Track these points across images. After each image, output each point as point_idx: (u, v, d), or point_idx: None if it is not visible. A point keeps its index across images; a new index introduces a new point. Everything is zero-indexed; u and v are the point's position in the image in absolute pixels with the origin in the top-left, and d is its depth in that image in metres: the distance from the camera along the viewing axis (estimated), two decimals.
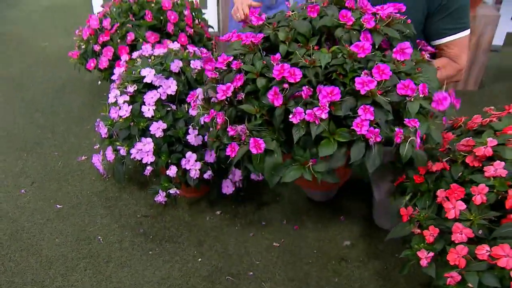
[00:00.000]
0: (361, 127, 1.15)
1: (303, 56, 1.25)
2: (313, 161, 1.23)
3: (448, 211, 1.27)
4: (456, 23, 1.63)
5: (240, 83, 1.27)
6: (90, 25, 2.36)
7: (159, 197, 1.75)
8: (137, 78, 1.76)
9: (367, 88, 1.16)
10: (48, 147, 2.38)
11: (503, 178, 1.24)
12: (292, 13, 1.37)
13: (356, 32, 1.28)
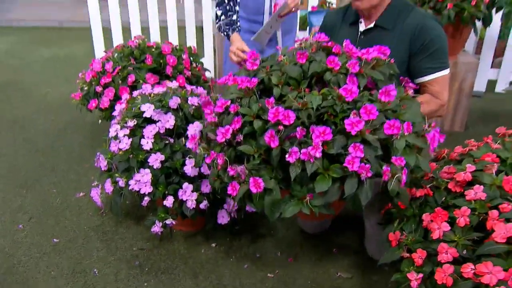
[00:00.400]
0: (352, 164, 1.21)
1: (295, 98, 1.33)
2: (310, 196, 1.29)
3: (433, 231, 1.31)
4: (436, 62, 1.74)
5: (238, 126, 1.34)
6: (93, 68, 2.47)
7: (156, 228, 1.77)
8: (137, 114, 1.84)
9: (356, 129, 1.23)
10: (47, 184, 2.41)
11: (483, 201, 1.30)
12: (283, 57, 1.46)
13: (343, 75, 1.36)
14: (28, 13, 6.51)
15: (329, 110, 1.30)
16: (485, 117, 3.29)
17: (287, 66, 1.41)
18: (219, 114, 1.43)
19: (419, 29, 1.70)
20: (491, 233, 1.24)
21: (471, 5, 2.55)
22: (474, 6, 2.56)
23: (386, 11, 1.74)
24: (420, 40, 1.71)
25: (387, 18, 1.74)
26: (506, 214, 1.24)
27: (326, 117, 1.30)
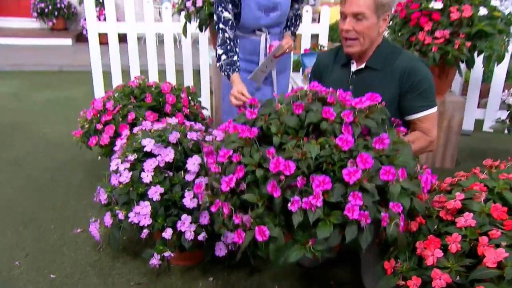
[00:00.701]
0: (352, 212, 1.27)
1: (294, 147, 1.39)
2: (313, 241, 1.34)
3: (427, 258, 1.34)
4: (425, 101, 1.84)
5: (241, 175, 1.39)
6: (94, 107, 2.54)
7: (154, 260, 1.78)
8: (138, 148, 1.89)
9: (354, 179, 1.28)
10: (45, 220, 2.42)
11: (473, 227, 1.34)
12: (280, 106, 1.52)
13: (338, 125, 1.42)
14: (29, 59, 6.67)
15: (327, 159, 1.35)
16: (474, 155, 3.37)
17: (285, 117, 1.47)
18: (222, 163, 1.48)
19: (408, 71, 1.81)
20: (482, 259, 1.27)
21: (454, 48, 2.68)
22: (457, 49, 2.68)
23: (376, 53, 1.85)
24: (409, 81, 1.81)
25: (376, 60, 1.84)
26: (496, 240, 1.28)
27: (325, 166, 1.35)
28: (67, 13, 8.53)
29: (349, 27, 1.72)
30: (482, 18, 2.71)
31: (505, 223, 1.32)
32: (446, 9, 2.75)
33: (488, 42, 2.69)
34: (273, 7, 2.14)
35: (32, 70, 6.20)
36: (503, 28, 2.75)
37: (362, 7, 1.69)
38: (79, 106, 4.51)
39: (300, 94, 1.57)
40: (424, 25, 2.76)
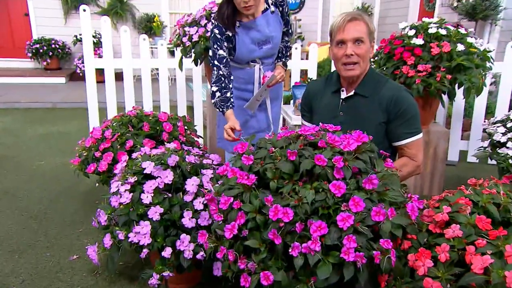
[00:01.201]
0: (348, 255, 1.35)
1: (290, 192, 1.48)
2: (314, 280, 1.42)
3: (418, 269, 1.40)
4: (412, 128, 1.95)
5: (242, 221, 1.47)
6: (92, 135, 2.60)
7: (153, 280, 1.80)
8: (138, 171, 1.95)
9: (347, 224, 1.37)
10: (40, 248, 2.42)
11: (460, 238, 1.41)
12: (274, 150, 1.60)
13: (330, 169, 1.50)
14: (23, 96, 6.75)
15: (322, 203, 1.43)
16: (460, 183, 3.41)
17: (280, 163, 1.54)
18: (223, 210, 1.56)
19: (395, 99, 1.92)
20: (470, 267, 1.34)
21: (436, 81, 2.83)
22: (439, 81, 2.83)
23: (364, 81, 1.97)
24: (396, 109, 1.92)
25: (365, 87, 1.96)
26: (482, 249, 1.35)
27: (321, 210, 1.43)
28: (61, 53, 8.71)
29: (351, 51, 1.85)
30: (460, 53, 2.88)
31: (489, 233, 1.39)
32: (427, 45, 2.92)
33: (467, 75, 2.85)
34: (265, 41, 2.27)
35: (26, 107, 6.27)
36: (480, 63, 2.92)
37: (361, 32, 1.84)
38: (73, 140, 4.59)
39: (291, 138, 1.66)
40: (407, 59, 2.91)
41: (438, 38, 2.95)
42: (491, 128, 2.86)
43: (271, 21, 2.23)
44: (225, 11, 2.18)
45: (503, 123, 2.78)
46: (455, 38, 2.95)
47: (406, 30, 3.08)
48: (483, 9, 7.50)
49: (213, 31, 2.23)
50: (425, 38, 2.94)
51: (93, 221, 2.06)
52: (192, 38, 2.94)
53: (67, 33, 8.94)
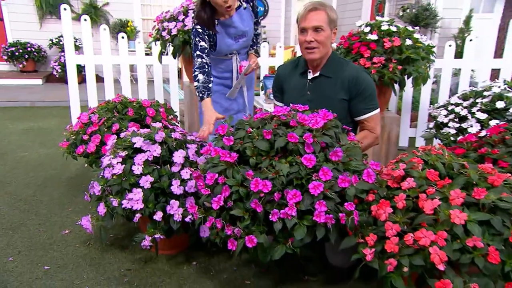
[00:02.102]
0: (320, 217, 1.50)
1: (268, 166, 1.59)
2: (291, 240, 1.55)
3: (380, 215, 1.53)
4: (370, 104, 2.10)
5: (227, 194, 1.59)
6: (80, 120, 2.61)
7: (145, 242, 1.85)
8: (128, 146, 1.99)
9: (318, 191, 1.50)
10: (33, 225, 2.41)
11: (414, 188, 1.55)
12: (252, 130, 1.71)
13: (301, 145, 1.62)
14: (1, 95, 6.54)
15: (296, 175, 1.56)
16: None
17: (257, 141, 1.66)
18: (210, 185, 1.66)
19: (355, 80, 2.06)
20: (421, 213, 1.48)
21: (389, 71, 3.01)
22: (391, 72, 3.02)
23: (327, 63, 2.10)
24: (356, 88, 2.06)
25: (329, 69, 2.09)
26: (431, 195, 1.50)
27: (295, 181, 1.56)
28: (37, 56, 8.48)
29: (311, 38, 1.97)
30: (409, 47, 3.07)
31: (437, 183, 1.54)
32: (380, 40, 3.10)
33: (415, 66, 3.04)
34: (241, 35, 2.35)
35: (4, 106, 6.09)
36: (425, 56, 3.12)
37: (320, 21, 1.96)
38: (53, 134, 4.53)
39: (266, 119, 1.77)
40: (364, 53, 3.08)
41: (389, 34, 3.13)
42: (435, 112, 3.06)
43: (244, 16, 2.32)
44: (204, 14, 2.23)
45: (445, 107, 2.99)
46: (404, 34, 3.14)
47: (362, 27, 3.25)
48: (424, 18, 7.91)
49: (195, 27, 2.29)
50: (379, 34, 3.12)
51: (85, 195, 2.08)
52: (171, 32, 3.00)
53: (42, 37, 8.70)
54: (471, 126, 2.66)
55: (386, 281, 1.45)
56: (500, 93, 2.71)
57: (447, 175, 1.61)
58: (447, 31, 8.08)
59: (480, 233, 1.36)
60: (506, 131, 2.11)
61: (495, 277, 1.36)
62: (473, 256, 1.35)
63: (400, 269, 1.42)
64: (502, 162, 1.91)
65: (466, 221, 1.37)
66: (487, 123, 2.64)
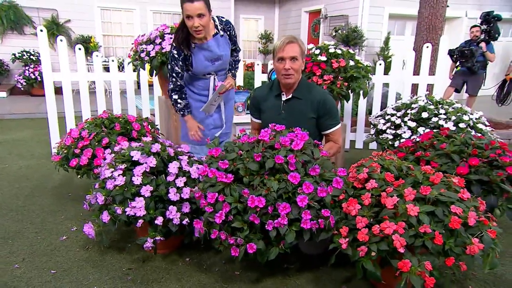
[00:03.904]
0: (306, 224, 1.66)
1: (259, 184, 1.72)
2: (283, 243, 1.70)
3: (351, 211, 1.69)
4: (335, 120, 2.29)
5: (227, 209, 1.70)
6: (71, 135, 2.54)
7: (148, 244, 1.87)
8: (126, 159, 2.00)
9: (304, 203, 1.66)
10: (30, 233, 2.32)
11: (376, 188, 1.73)
12: (243, 152, 1.82)
13: (286, 164, 1.76)
14: None
15: (284, 190, 1.71)
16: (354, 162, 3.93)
17: (248, 163, 1.78)
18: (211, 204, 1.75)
19: (322, 101, 2.23)
20: (384, 208, 1.66)
21: (337, 87, 3.23)
22: (339, 87, 3.23)
23: (298, 87, 2.24)
24: (323, 108, 2.23)
25: (299, 92, 2.24)
26: (390, 194, 1.68)
27: (284, 195, 1.70)
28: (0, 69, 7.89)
29: (289, 66, 2.12)
30: (352, 67, 3.31)
31: (394, 183, 1.73)
32: (329, 61, 3.31)
33: (357, 83, 3.29)
34: (217, 58, 2.40)
35: None
36: (365, 74, 3.38)
37: (295, 52, 2.11)
38: (29, 146, 4.31)
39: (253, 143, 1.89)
40: (316, 71, 3.27)
41: (336, 56, 3.35)
42: (375, 120, 3.32)
43: (221, 42, 2.39)
44: (180, 35, 2.28)
45: (382, 116, 3.25)
46: (347, 56, 3.38)
47: (313, 50, 3.45)
48: (353, 38, 8.41)
49: (172, 51, 2.33)
50: (327, 55, 3.33)
51: (84, 204, 2.06)
52: (149, 54, 2.99)
53: (4, 51, 8.13)
54: (404, 132, 2.93)
55: (358, 264, 1.61)
56: (424, 105, 3.02)
57: (398, 176, 1.81)
58: (371, 49, 8.64)
59: (428, 222, 1.56)
60: (433, 137, 2.38)
61: (438, 255, 1.57)
62: (423, 240, 1.54)
63: (369, 254, 1.58)
64: (433, 163, 2.16)
65: (418, 213, 1.57)
66: (416, 129, 2.93)
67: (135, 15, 9.45)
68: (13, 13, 7.89)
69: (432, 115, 2.94)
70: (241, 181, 1.77)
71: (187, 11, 2.13)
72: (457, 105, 3.03)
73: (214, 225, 1.75)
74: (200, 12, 2.14)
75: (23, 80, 7.61)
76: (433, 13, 4.94)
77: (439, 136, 2.35)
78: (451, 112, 2.92)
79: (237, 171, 1.77)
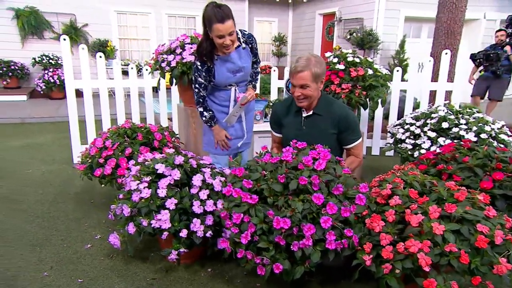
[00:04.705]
0: (331, 245, 1.67)
1: (283, 205, 1.73)
2: (308, 262, 1.71)
3: (375, 228, 1.69)
4: (355, 136, 2.28)
5: (253, 230, 1.73)
6: (95, 145, 2.59)
7: (172, 256, 1.91)
8: (151, 171, 2.04)
9: (328, 225, 1.67)
10: (56, 241, 2.38)
11: (400, 205, 1.73)
12: (266, 173, 1.85)
13: (310, 185, 1.77)
14: None
15: (309, 210, 1.72)
16: (370, 170, 3.92)
17: (272, 184, 1.80)
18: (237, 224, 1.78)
19: (343, 116, 2.23)
20: (408, 224, 1.66)
21: (355, 95, 3.22)
22: (357, 96, 3.23)
23: (319, 104, 2.25)
24: (345, 124, 2.23)
25: (320, 108, 2.24)
26: (415, 211, 1.68)
27: (308, 216, 1.71)
28: (20, 73, 8.08)
29: (299, 93, 2.15)
30: (370, 76, 3.30)
31: (418, 200, 1.73)
32: (347, 69, 3.30)
33: (376, 92, 3.27)
34: (238, 70, 2.42)
35: None
36: (384, 83, 3.36)
37: (306, 80, 2.12)
38: (50, 150, 4.40)
39: (277, 163, 1.90)
40: (334, 80, 3.27)
41: (354, 64, 3.34)
42: (394, 129, 3.30)
43: (242, 55, 2.41)
44: (205, 47, 2.30)
45: (401, 125, 3.23)
46: (366, 65, 3.37)
47: (331, 58, 3.44)
48: (368, 41, 8.34)
49: (195, 63, 2.36)
50: (346, 64, 3.32)
51: (109, 214, 2.10)
52: (170, 64, 3.04)
53: (25, 55, 8.30)
54: (423, 142, 2.91)
55: (382, 281, 1.61)
56: (444, 115, 2.99)
57: (422, 192, 1.80)
58: (386, 52, 8.57)
59: (453, 241, 1.55)
60: (455, 150, 2.36)
61: (464, 274, 1.56)
62: (449, 259, 1.53)
63: (394, 272, 1.58)
64: (456, 176, 2.14)
65: (443, 231, 1.56)
66: (436, 140, 2.90)
67: (151, 19, 9.55)
68: (34, 18, 8.06)
69: (453, 125, 2.92)
70: (265, 200, 1.78)
71: (219, 31, 2.16)
72: (478, 115, 2.99)
73: (240, 245, 1.77)
74: (231, 30, 2.17)
75: (43, 83, 7.76)
76: (452, 17, 4.88)
77: (461, 149, 2.33)
78: (472, 122, 2.89)
79: (261, 191, 1.79)
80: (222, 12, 2.13)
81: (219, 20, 2.12)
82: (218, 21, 2.12)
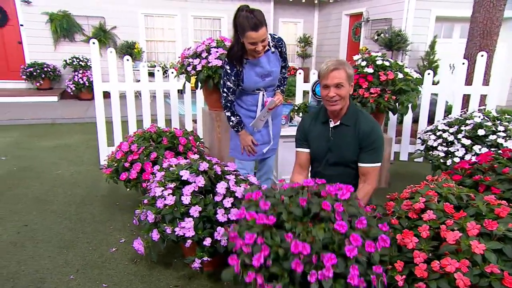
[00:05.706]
0: (353, 280, 1.49)
1: (301, 232, 1.57)
2: None
3: (408, 244, 1.60)
4: (372, 158, 2.10)
5: (266, 253, 1.55)
6: (121, 149, 2.61)
7: (195, 264, 1.88)
8: (175, 178, 2.02)
9: (352, 254, 1.52)
10: (82, 243, 2.41)
11: (434, 220, 1.62)
12: (285, 198, 1.70)
13: (332, 213, 1.62)
14: (23, 114, 6.41)
15: (330, 240, 1.56)
16: (398, 177, 3.79)
17: (293, 208, 1.65)
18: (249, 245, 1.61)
19: (369, 132, 2.07)
20: (443, 241, 1.55)
21: (384, 100, 3.11)
22: (386, 101, 3.11)
23: (347, 113, 2.12)
24: (369, 139, 2.07)
25: (348, 118, 2.11)
26: (450, 227, 1.57)
27: (330, 246, 1.56)
28: (52, 75, 8.34)
29: (333, 94, 2.01)
30: (401, 80, 3.18)
31: (454, 215, 1.62)
32: (376, 73, 3.19)
33: (406, 97, 3.15)
34: (267, 74, 2.37)
35: (28, 123, 5.98)
36: (415, 87, 3.23)
37: (341, 78, 1.99)
38: (79, 151, 4.48)
39: (297, 188, 1.76)
40: (362, 84, 3.17)
41: (383, 67, 3.23)
42: (424, 135, 3.17)
43: (271, 59, 2.36)
44: (235, 51, 2.26)
45: (433, 132, 3.10)
46: (396, 68, 3.25)
47: (359, 61, 3.34)
48: (397, 42, 8.11)
49: (225, 67, 2.33)
50: (374, 68, 3.22)
51: (134, 219, 2.10)
52: (196, 68, 3.02)
53: (56, 57, 8.56)
54: (457, 150, 2.77)
55: None
56: (480, 122, 2.83)
57: (458, 206, 1.69)
58: (415, 53, 8.31)
59: (495, 261, 1.44)
60: (494, 159, 2.22)
61: None
62: (490, 280, 1.42)
63: None
64: (495, 188, 2.01)
65: (484, 250, 1.45)
66: (471, 147, 2.75)
67: (177, 21, 9.65)
68: (66, 22, 8.31)
69: (490, 132, 2.76)
70: (279, 227, 1.62)
71: (252, 39, 2.12)
72: None
73: (250, 267, 1.61)
74: (264, 37, 2.13)
75: (73, 85, 7.98)
76: (489, 17, 4.64)
77: (500, 158, 2.19)
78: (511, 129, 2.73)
79: (278, 216, 1.64)
80: (255, 19, 2.08)
81: (253, 28, 2.08)
82: (251, 29, 2.08)
